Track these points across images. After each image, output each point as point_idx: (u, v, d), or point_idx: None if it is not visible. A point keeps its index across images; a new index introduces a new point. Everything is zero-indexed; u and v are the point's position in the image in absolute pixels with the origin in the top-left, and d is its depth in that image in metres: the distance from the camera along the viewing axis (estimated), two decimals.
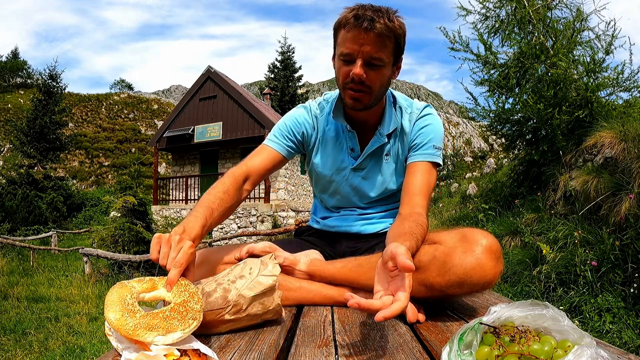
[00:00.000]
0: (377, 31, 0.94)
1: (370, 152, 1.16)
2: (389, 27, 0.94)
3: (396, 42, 0.99)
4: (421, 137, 1.13)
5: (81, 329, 3.61)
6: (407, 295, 0.67)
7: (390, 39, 0.97)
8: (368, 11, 0.94)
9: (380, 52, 0.97)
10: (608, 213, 3.20)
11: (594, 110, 4.35)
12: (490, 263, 0.80)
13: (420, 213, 1.01)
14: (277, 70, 24.43)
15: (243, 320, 0.81)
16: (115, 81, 61.29)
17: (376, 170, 1.18)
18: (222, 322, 0.79)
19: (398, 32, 0.98)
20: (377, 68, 0.99)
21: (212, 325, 0.79)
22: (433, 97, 75.61)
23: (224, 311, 0.78)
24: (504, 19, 5.30)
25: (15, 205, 12.09)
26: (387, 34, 0.95)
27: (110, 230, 7.09)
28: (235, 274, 0.85)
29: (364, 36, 0.95)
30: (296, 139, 1.23)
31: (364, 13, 0.94)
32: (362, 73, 0.98)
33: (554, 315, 0.53)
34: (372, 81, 1.01)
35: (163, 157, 21.42)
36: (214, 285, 0.82)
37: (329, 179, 1.23)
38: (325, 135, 1.21)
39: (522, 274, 3.45)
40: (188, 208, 12.21)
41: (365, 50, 0.96)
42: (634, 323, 2.41)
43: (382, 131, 1.13)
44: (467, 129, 28.62)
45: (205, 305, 0.77)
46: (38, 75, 23.68)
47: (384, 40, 0.96)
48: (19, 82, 33.47)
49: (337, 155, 1.20)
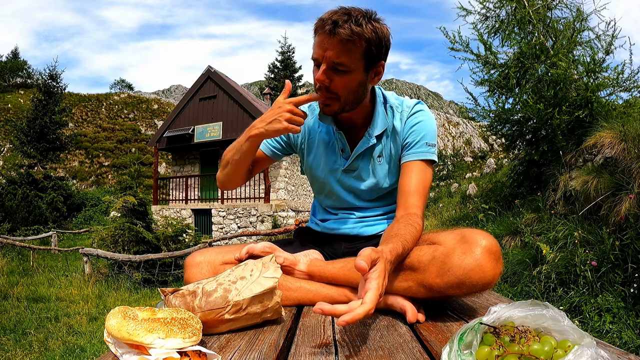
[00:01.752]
0: (339, 37, 0.92)
1: (359, 153, 1.15)
2: (353, 32, 0.92)
3: (367, 46, 0.96)
4: (413, 135, 1.12)
5: (81, 329, 3.61)
6: (373, 298, 0.66)
7: (355, 43, 0.94)
8: (336, 15, 0.93)
9: (343, 57, 0.95)
10: (608, 213, 3.21)
11: (594, 110, 4.35)
12: (490, 264, 0.80)
13: (415, 213, 1.01)
14: (277, 70, 24.44)
15: (243, 320, 0.81)
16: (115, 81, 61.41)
17: (368, 171, 1.17)
18: (222, 321, 0.79)
19: (367, 36, 0.94)
20: (343, 74, 0.98)
21: (212, 325, 0.79)
22: (433, 97, 75.62)
23: (224, 310, 0.78)
24: (504, 19, 5.30)
25: (15, 205, 12.09)
26: (351, 39, 0.93)
27: (110, 230, 7.09)
28: (236, 275, 0.85)
29: (328, 41, 0.94)
30: (283, 140, 1.26)
31: (331, 17, 0.93)
32: (324, 79, 0.97)
33: (554, 315, 0.53)
34: (338, 87, 0.99)
35: (163, 157, 21.43)
36: (214, 285, 0.82)
37: (322, 180, 1.23)
38: (316, 137, 1.22)
39: (522, 274, 3.45)
40: (188, 208, 12.22)
41: (328, 55, 0.95)
42: (634, 323, 2.42)
43: (371, 132, 1.13)
44: (467, 129, 28.63)
45: (205, 304, 0.77)
46: (38, 75, 23.72)
47: (347, 45, 0.93)
48: (19, 82, 33.47)
49: (329, 157, 1.20)
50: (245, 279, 0.83)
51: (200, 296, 0.79)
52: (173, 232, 7.35)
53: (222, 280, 0.83)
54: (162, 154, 17.24)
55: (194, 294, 0.80)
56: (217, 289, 0.80)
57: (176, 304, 0.80)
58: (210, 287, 0.81)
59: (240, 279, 0.83)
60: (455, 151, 26.26)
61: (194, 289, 0.81)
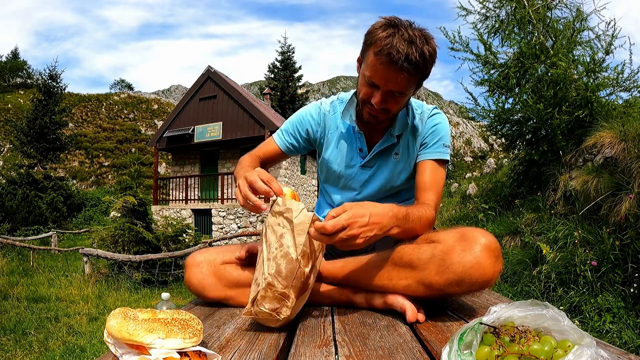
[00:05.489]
0: (406, 72, 0.92)
1: (378, 151, 1.19)
2: (419, 67, 0.92)
3: (424, 73, 0.98)
4: (432, 136, 1.17)
5: (81, 329, 3.61)
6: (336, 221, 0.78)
7: (418, 74, 0.96)
8: (402, 44, 0.90)
9: (404, 88, 0.97)
10: (608, 213, 3.20)
11: (594, 110, 4.35)
12: (489, 262, 0.80)
13: (428, 204, 1.05)
14: (277, 70, 24.45)
15: (317, 258, 0.85)
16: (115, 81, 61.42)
17: (384, 168, 1.21)
18: (307, 278, 0.84)
19: (428, 67, 0.96)
20: (399, 97, 1.00)
21: (305, 286, 0.84)
22: (433, 97, 75.61)
23: (300, 266, 0.81)
24: (504, 19, 5.30)
25: (15, 205, 12.09)
26: (415, 73, 0.94)
27: (110, 231, 7.08)
28: (275, 242, 0.84)
29: (393, 75, 0.94)
30: (300, 136, 1.28)
31: (398, 48, 0.90)
32: (382, 105, 1.00)
33: (554, 315, 0.53)
34: (391, 107, 1.02)
35: (163, 157, 21.42)
36: (271, 265, 0.82)
37: (338, 175, 1.25)
38: (336, 133, 1.24)
39: (522, 274, 3.45)
40: (188, 208, 12.21)
41: (390, 86, 0.96)
42: (634, 323, 2.41)
43: (393, 132, 1.16)
44: (467, 129, 28.62)
45: (285, 280, 0.81)
46: (38, 75, 23.72)
47: (411, 77, 0.95)
48: (19, 82, 33.48)
49: (347, 153, 1.23)
50: (284, 236, 0.84)
51: (276, 280, 0.81)
52: (173, 232, 7.35)
53: (271, 255, 0.83)
54: (162, 154, 17.23)
55: (270, 287, 0.81)
56: (276, 262, 0.82)
57: (267, 307, 0.80)
58: (271, 268, 0.82)
59: (280, 239, 0.83)
60: (455, 151, 26.26)
61: (265, 286, 0.81)
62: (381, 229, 0.83)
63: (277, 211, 0.86)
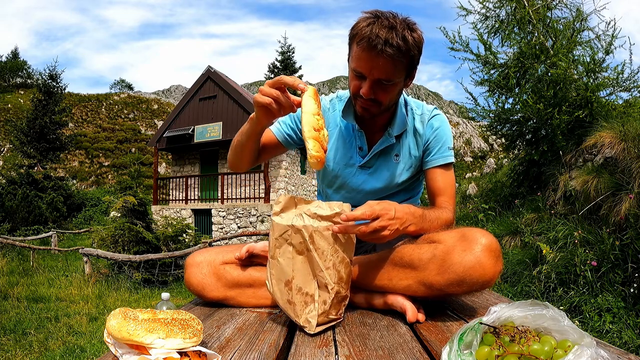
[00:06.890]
0: (388, 56, 0.93)
1: (377, 152, 1.18)
2: (401, 50, 0.93)
3: (410, 60, 0.98)
4: (436, 141, 1.17)
5: (81, 329, 3.61)
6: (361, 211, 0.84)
7: (402, 60, 0.95)
8: (382, 30, 0.91)
9: (391, 75, 0.97)
10: (608, 213, 3.20)
11: (594, 110, 4.35)
12: (490, 262, 0.80)
13: (446, 207, 1.08)
14: (277, 70, 24.43)
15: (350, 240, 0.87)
16: (115, 81, 61.43)
17: (383, 169, 1.20)
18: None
19: (412, 52, 0.96)
20: (387, 86, 1.00)
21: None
22: (433, 97, 75.61)
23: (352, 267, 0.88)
24: (504, 19, 5.30)
25: (15, 205, 12.09)
26: (398, 57, 0.94)
27: (110, 230, 7.08)
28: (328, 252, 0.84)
29: (375, 60, 0.94)
30: (298, 129, 1.25)
31: (378, 33, 0.91)
32: (370, 94, 1.00)
33: (554, 315, 0.53)
34: (380, 97, 1.02)
35: (163, 157, 21.42)
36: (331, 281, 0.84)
37: (335, 174, 1.24)
38: (335, 131, 1.23)
39: (522, 274, 3.45)
40: (188, 208, 12.21)
41: (374, 73, 0.96)
42: (634, 323, 2.41)
43: (392, 132, 1.15)
44: (467, 129, 28.61)
45: (347, 285, 0.87)
46: (38, 75, 23.67)
47: (395, 63, 0.95)
48: (19, 82, 33.48)
49: (346, 152, 1.22)
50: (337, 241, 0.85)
51: (340, 287, 0.85)
52: (173, 232, 7.35)
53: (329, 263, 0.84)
54: (162, 154, 17.23)
55: (337, 295, 0.85)
56: (336, 270, 0.84)
57: (334, 314, 0.85)
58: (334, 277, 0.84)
59: (334, 244, 0.84)
60: (456, 151, 26.25)
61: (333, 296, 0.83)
62: (402, 224, 0.88)
63: (324, 215, 0.84)
